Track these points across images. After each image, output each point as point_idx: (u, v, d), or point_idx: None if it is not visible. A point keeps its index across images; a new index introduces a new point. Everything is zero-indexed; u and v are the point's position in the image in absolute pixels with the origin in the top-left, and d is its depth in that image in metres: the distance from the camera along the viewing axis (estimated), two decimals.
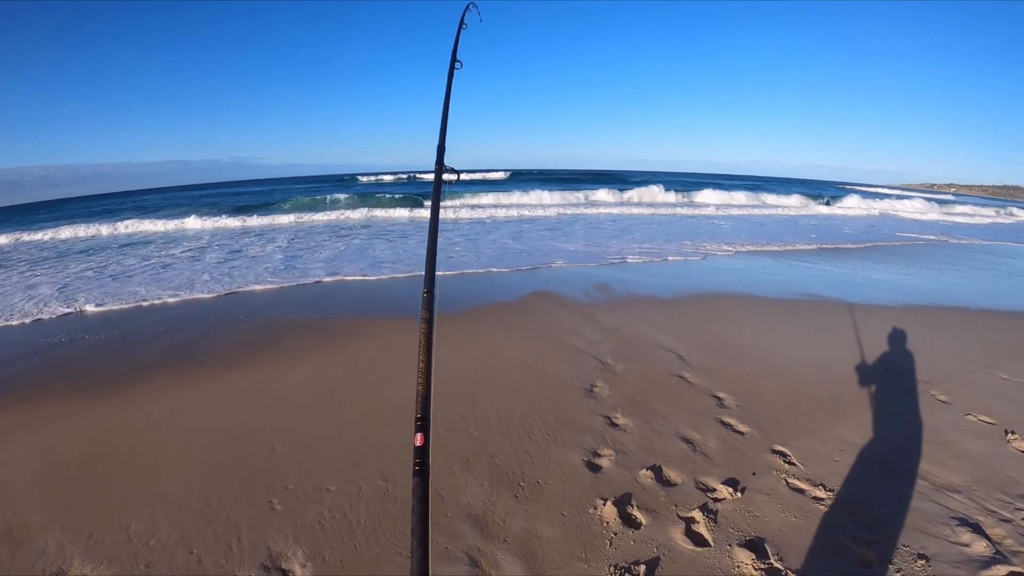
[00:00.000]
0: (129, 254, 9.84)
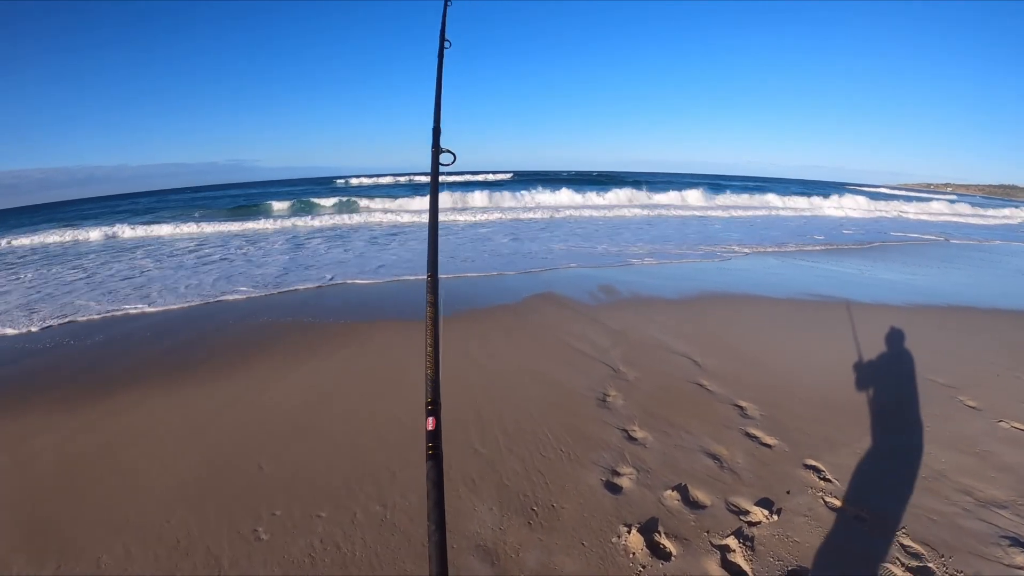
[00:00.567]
0: (118, 259, 9.52)
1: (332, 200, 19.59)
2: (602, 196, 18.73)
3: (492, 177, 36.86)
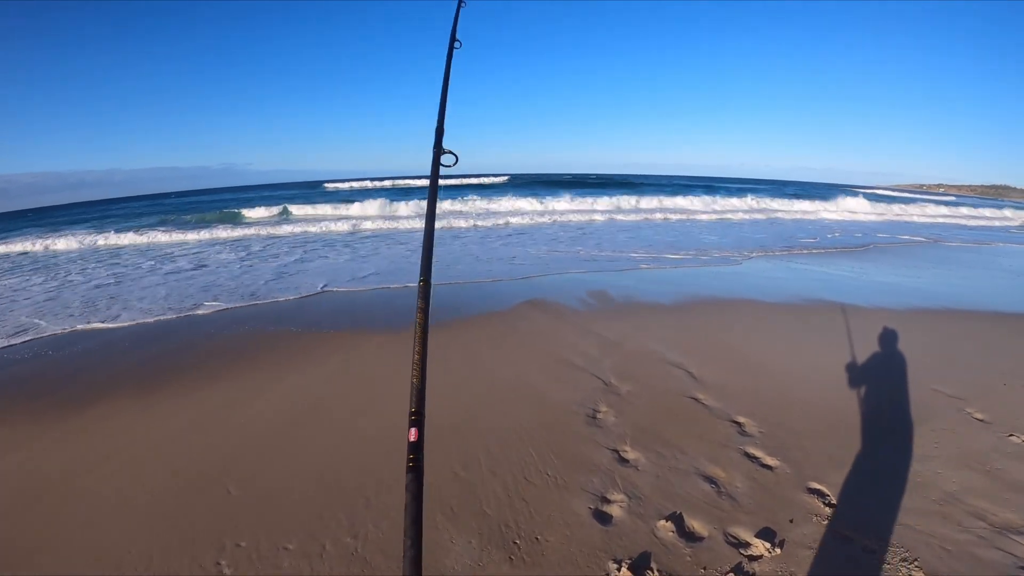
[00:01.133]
0: (103, 265, 9.28)
1: (308, 208, 18.96)
2: (597, 200, 18.57)
3: (487, 180, 36.65)
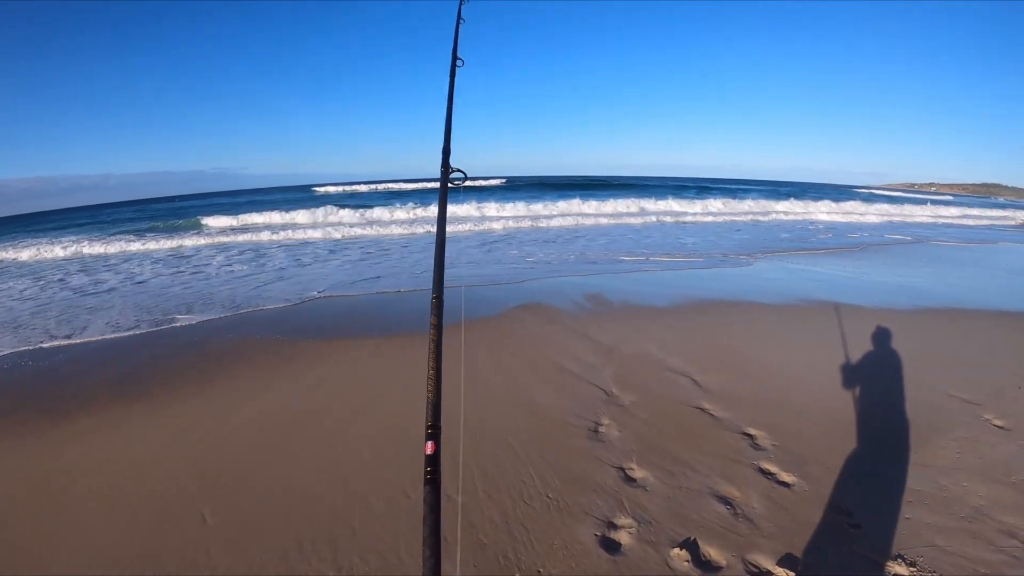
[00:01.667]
0: (87, 272, 8.96)
1: (301, 213, 18.24)
2: (599, 203, 18.39)
3: (484, 183, 36.34)
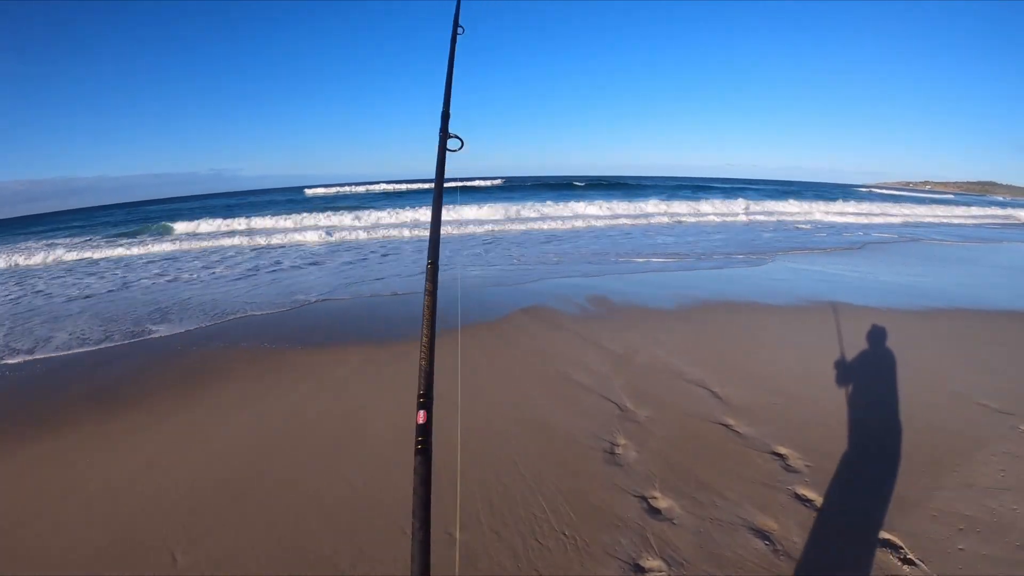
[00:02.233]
0: (73, 276, 8.59)
1: (288, 218, 17.67)
2: (597, 204, 18.13)
3: (481, 184, 35.95)
